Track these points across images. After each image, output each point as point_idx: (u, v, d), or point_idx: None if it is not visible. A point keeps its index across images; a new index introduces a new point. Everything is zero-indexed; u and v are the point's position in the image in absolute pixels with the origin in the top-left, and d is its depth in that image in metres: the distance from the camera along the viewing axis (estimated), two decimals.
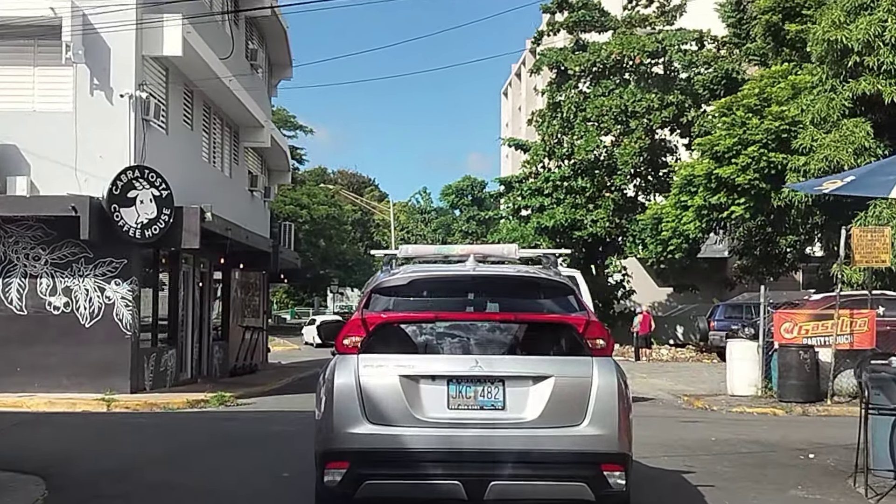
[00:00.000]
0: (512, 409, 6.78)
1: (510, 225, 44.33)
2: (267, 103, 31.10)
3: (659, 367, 30.90)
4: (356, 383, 6.81)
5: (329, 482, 6.80)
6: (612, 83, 41.22)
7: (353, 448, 6.74)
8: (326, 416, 6.92)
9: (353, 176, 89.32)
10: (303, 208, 56.25)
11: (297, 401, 20.00)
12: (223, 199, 24.66)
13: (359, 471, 6.71)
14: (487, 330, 7.05)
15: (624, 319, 43.22)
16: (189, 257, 23.02)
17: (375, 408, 6.76)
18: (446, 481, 6.65)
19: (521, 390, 6.81)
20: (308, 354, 43.16)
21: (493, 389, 6.81)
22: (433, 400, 6.78)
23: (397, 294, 7.38)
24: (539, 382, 6.81)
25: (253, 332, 28.12)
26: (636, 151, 39.48)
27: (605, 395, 6.82)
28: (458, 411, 6.77)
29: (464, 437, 6.71)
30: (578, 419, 6.77)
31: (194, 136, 23.02)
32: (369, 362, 6.87)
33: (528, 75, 56.64)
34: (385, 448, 6.72)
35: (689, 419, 16.61)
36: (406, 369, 6.82)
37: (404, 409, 6.74)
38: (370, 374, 6.83)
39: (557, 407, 6.76)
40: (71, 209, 18.12)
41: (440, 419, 6.75)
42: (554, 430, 6.75)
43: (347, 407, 6.78)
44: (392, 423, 6.74)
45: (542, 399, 6.78)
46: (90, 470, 10.59)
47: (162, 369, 20.81)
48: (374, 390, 6.79)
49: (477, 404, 6.80)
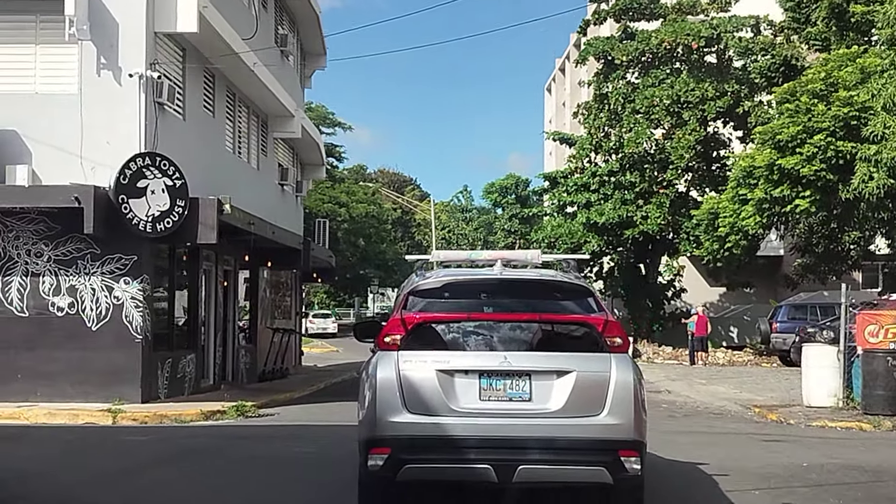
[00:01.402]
0: (537, 401, 7.43)
1: (555, 222, 42.13)
2: (299, 93, 29.20)
3: (717, 372, 28.56)
4: (397, 377, 7.44)
5: (372, 467, 7.40)
6: (662, 73, 38.89)
7: (394, 435, 7.33)
8: (370, 407, 7.51)
9: (394, 175, 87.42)
10: (341, 206, 54.36)
11: (324, 411, 18.05)
12: (250, 193, 22.81)
13: (399, 456, 7.31)
14: (514, 329, 7.69)
15: (675, 320, 40.92)
16: (211, 254, 21.15)
17: (414, 399, 7.39)
18: (478, 465, 7.27)
19: (546, 383, 7.45)
20: (345, 356, 41.26)
21: (520, 383, 7.47)
22: (466, 392, 7.44)
23: (432, 296, 7.97)
24: (562, 377, 7.45)
25: (283, 334, 26.22)
26: (690, 144, 37.12)
27: (622, 389, 7.43)
28: (488, 402, 7.42)
29: (494, 425, 7.36)
30: (598, 410, 7.39)
31: (216, 124, 21.14)
32: (409, 358, 7.50)
33: (573, 68, 54.47)
34: (423, 435, 7.32)
35: (767, 436, 14.37)
36: (442, 364, 7.46)
37: (440, 400, 7.38)
38: (409, 368, 7.45)
39: (579, 399, 7.39)
40: (74, 200, 16.28)
41: (473, 409, 7.40)
42: (575, 420, 7.38)
43: (389, 398, 7.39)
44: (429, 412, 7.37)
45: (564, 391, 7.41)
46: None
47: (179, 376, 18.93)
48: (413, 383, 7.42)
49: (506, 396, 7.45)
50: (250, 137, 23.96)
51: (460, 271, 8.91)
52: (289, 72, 27.34)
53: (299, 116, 25.90)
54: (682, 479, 10.34)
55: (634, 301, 40.72)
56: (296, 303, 30.29)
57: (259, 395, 20.36)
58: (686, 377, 26.67)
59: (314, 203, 50.51)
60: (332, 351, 45.39)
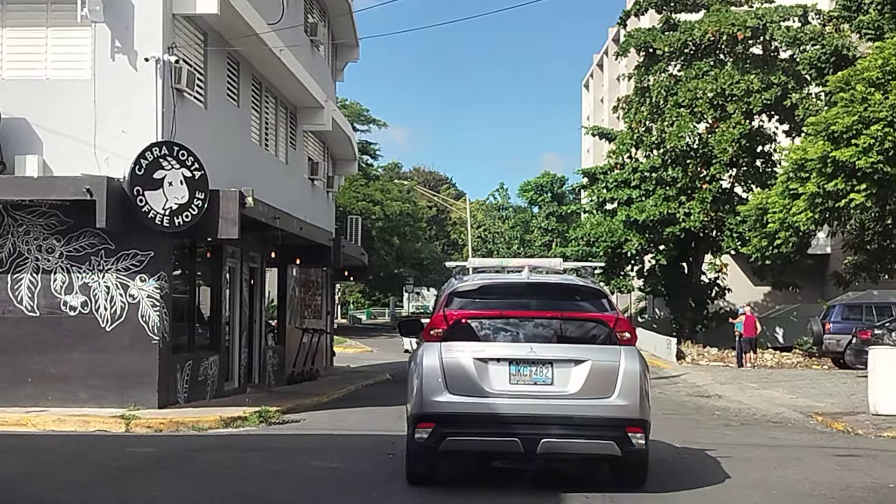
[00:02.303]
0: (558, 384, 8.78)
1: (594, 219, 40.66)
2: (330, 85, 27.95)
3: (767, 375, 26.94)
4: (440, 364, 8.83)
5: (419, 439, 8.81)
6: (705, 65, 37.27)
7: (438, 412, 8.72)
8: (417, 389, 8.88)
9: (429, 173, 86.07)
10: (376, 204, 53.05)
11: (352, 418, 16.75)
12: (278, 187, 21.62)
13: (441, 430, 8.69)
14: (539, 324, 9.02)
15: (719, 320, 39.30)
16: (236, 251, 19.95)
17: (454, 382, 8.77)
18: (508, 439, 8.65)
19: (565, 370, 8.80)
20: (381, 357, 40.00)
21: (543, 369, 8.81)
22: (498, 377, 8.80)
23: (469, 296, 9.37)
24: (579, 364, 8.79)
25: (313, 334, 24.99)
26: (734, 138, 35.46)
27: (630, 376, 8.77)
28: (517, 385, 8.78)
29: (521, 404, 8.70)
30: (609, 393, 8.72)
31: (241, 114, 19.92)
32: (450, 348, 8.89)
33: (611, 63, 52.94)
34: (462, 413, 8.70)
35: (838, 450, 12.85)
36: (478, 353, 8.85)
37: (476, 383, 8.76)
38: (451, 356, 8.84)
39: (593, 383, 8.72)
40: (85, 192, 15.09)
41: (503, 391, 8.75)
42: (590, 401, 8.69)
43: (433, 381, 8.77)
44: (467, 393, 8.74)
45: (581, 377, 8.75)
46: None
47: (200, 379, 17.73)
48: (454, 369, 8.80)
49: (531, 380, 8.80)
50: (278, 129, 22.74)
51: (493, 276, 10.13)
52: (319, 63, 26.10)
53: (329, 108, 24.64)
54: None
55: (676, 300, 39.13)
56: (327, 302, 29.05)
57: (285, 398, 19.13)
58: (735, 380, 25.11)
59: (348, 201, 49.32)
60: (367, 351, 44.14)
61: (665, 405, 19.58)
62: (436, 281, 67.37)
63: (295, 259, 23.49)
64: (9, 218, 15.99)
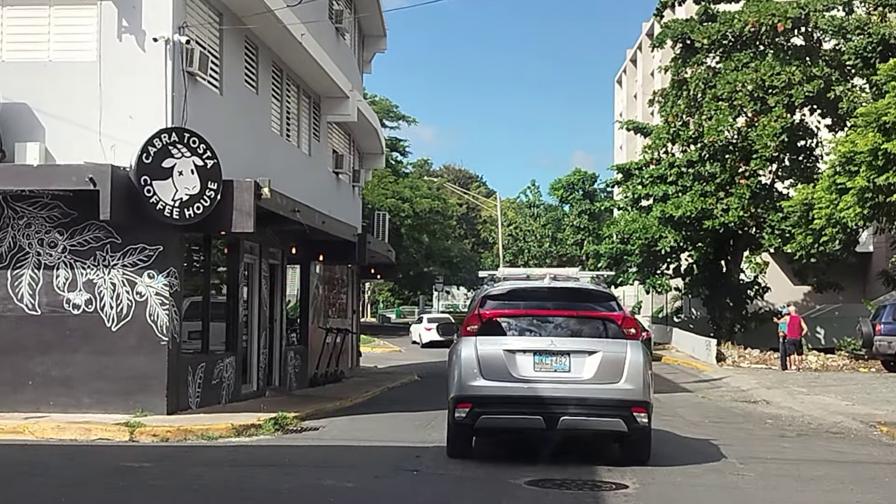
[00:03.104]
0: (574, 372, 10.49)
1: (629, 216, 39.12)
2: (356, 75, 26.66)
3: (814, 379, 25.36)
4: (475, 354, 10.56)
5: (458, 417, 10.56)
6: (745, 56, 35.61)
7: (474, 395, 10.49)
8: (457, 375, 10.63)
9: (459, 171, 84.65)
10: (405, 202, 51.71)
11: (375, 424, 15.43)
12: (299, 179, 20.40)
13: (477, 409, 10.44)
14: (558, 321, 10.80)
15: (758, 321, 37.66)
16: (255, 246, 18.72)
17: (487, 370, 10.50)
18: (533, 416, 10.35)
19: (581, 360, 10.49)
20: (409, 357, 38.76)
21: (562, 359, 10.52)
22: (524, 365, 10.52)
23: (500, 299, 11.14)
24: (592, 355, 10.49)
25: (338, 334, 23.72)
26: (775, 132, 33.78)
27: (635, 364, 10.43)
28: (540, 372, 10.50)
29: (544, 388, 10.40)
30: (617, 379, 10.40)
31: (260, 102, 18.67)
32: (484, 341, 10.63)
33: (647, 54, 51.32)
34: (494, 395, 10.44)
35: None
36: (507, 345, 10.60)
37: (506, 370, 10.48)
38: (484, 348, 10.58)
39: (604, 371, 10.40)
40: (88, 181, 13.88)
41: (529, 377, 10.48)
42: (601, 385, 10.39)
43: (470, 369, 10.52)
44: (498, 379, 10.46)
45: (594, 365, 10.45)
46: None
47: (215, 382, 16.50)
48: (487, 359, 10.52)
49: (552, 368, 10.52)
50: (300, 119, 21.48)
51: (519, 282, 11.78)
52: (344, 51, 24.84)
53: (355, 98, 23.34)
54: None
55: (714, 300, 37.52)
56: (353, 300, 27.76)
57: (306, 403, 17.86)
58: (782, 384, 23.56)
59: (377, 198, 48.08)
60: (395, 351, 42.90)
61: (711, 412, 18.12)
62: (466, 280, 65.99)
63: (318, 255, 22.23)
64: (9, 210, 14.81)
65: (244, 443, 13.13)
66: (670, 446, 12.66)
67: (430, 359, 37.24)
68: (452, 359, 10.90)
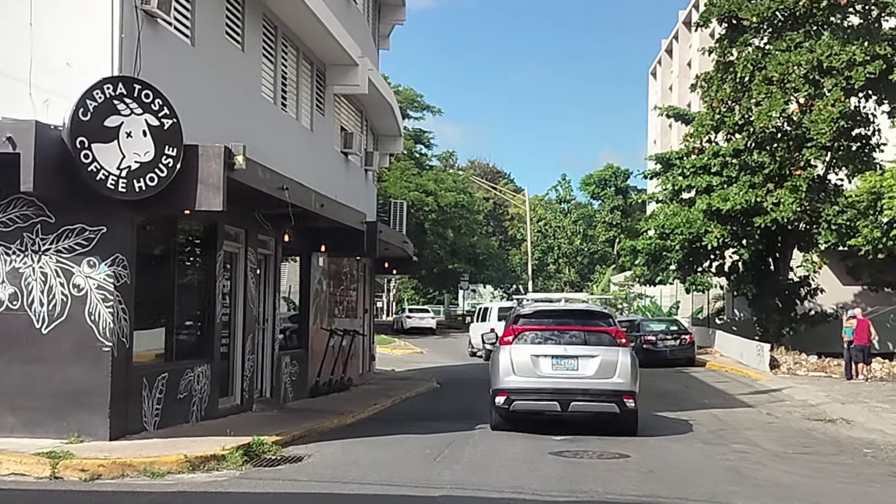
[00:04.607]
0: (582, 370, 14.10)
1: (669, 209, 35.47)
2: (370, 44, 23.32)
3: (891, 391, 21.67)
4: (510, 358, 14.25)
5: (498, 403, 14.13)
6: (798, 35, 31.90)
7: (509, 387, 14.13)
8: (497, 373, 14.30)
9: (486, 167, 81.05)
10: (429, 195, 48.25)
11: (374, 452, 12.06)
12: (298, 156, 17.25)
13: (511, 397, 14.08)
14: (570, 334, 14.51)
15: (808, 323, 33.97)
16: (239, 232, 15.45)
17: (519, 369, 14.15)
18: (551, 402, 14.04)
19: (585, 361, 14.12)
20: (430, 359, 35.37)
21: (572, 361, 14.16)
22: (545, 366, 14.19)
23: (527, 317, 14.95)
24: (594, 358, 14.12)
25: (344, 336, 20.43)
26: (833, 117, 30.03)
27: (624, 365, 14.08)
28: (556, 370, 14.14)
29: (559, 382, 14.06)
30: (612, 375, 14.01)
31: (247, 61, 15.37)
32: (516, 349, 14.36)
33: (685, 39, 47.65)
34: (523, 387, 14.09)
35: None
36: (533, 351, 14.29)
37: (532, 369, 14.14)
38: (516, 354, 14.28)
39: (602, 370, 14.03)
40: (6, 142, 10.64)
41: (548, 374, 14.14)
42: (601, 380, 14.00)
43: (507, 369, 14.21)
44: (526, 375, 14.13)
45: (595, 366, 14.08)
46: None
47: (182, 396, 13.22)
48: (518, 361, 14.20)
49: (566, 368, 14.14)
50: (300, 88, 18.17)
51: (542, 304, 16.34)
52: (355, 15, 21.51)
53: (365, 67, 19.99)
54: None
55: (761, 300, 33.79)
56: (365, 298, 24.40)
57: (297, 420, 14.58)
58: (856, 398, 19.98)
59: (399, 191, 44.72)
60: (416, 353, 39.47)
61: (788, 437, 14.60)
62: (493, 277, 62.51)
63: (320, 246, 18.90)
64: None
65: (196, 483, 9.81)
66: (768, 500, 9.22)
67: (454, 362, 33.84)
68: (494, 361, 14.68)
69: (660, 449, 12.92)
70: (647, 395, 21.42)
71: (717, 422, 16.39)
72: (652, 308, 45.88)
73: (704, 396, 21.28)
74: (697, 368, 30.00)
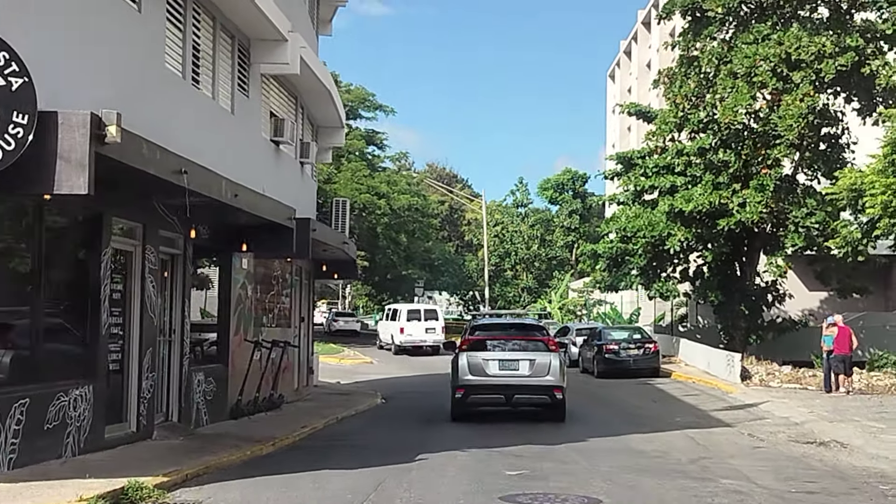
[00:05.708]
0: (521, 370, 17.11)
1: (630, 211, 33.19)
2: (305, 22, 20.72)
3: (878, 406, 19.44)
4: (466, 361, 17.13)
5: (457, 396, 17.19)
6: (766, 27, 29.88)
7: (465, 384, 17.05)
8: (456, 373, 17.26)
9: (443, 171, 78.49)
10: (381, 198, 45.58)
11: (289, 493, 9.50)
12: (214, 141, 14.73)
13: (468, 392, 17.09)
14: (513, 341, 17.76)
15: (776, 331, 31.91)
16: (135, 227, 12.83)
17: (473, 370, 17.02)
18: (497, 395, 17.17)
19: (525, 363, 17.17)
20: (380, 370, 32.76)
21: (514, 363, 17.20)
22: (493, 367, 17.10)
23: (480, 328, 18.53)
24: (531, 361, 17.17)
25: (273, 348, 17.82)
26: (801, 112, 27.97)
27: (555, 366, 17.16)
28: (502, 371, 17.10)
29: (505, 379, 17.04)
30: (545, 374, 17.05)
31: (145, 24, 12.72)
32: (471, 354, 17.27)
33: (644, 40, 45.56)
34: (477, 384, 17.00)
35: None
36: (483, 356, 17.22)
37: (483, 370, 17.02)
38: (470, 358, 17.17)
39: (538, 370, 17.08)
40: None
41: (496, 374, 17.08)
42: (536, 378, 17.06)
43: (464, 370, 17.09)
44: (479, 375, 16.99)
45: (532, 367, 17.12)
46: None
47: (50, 426, 10.56)
48: (472, 363, 17.08)
49: (509, 368, 17.13)
50: (217, 63, 15.54)
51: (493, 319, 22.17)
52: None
53: (297, 44, 17.42)
54: None
55: (727, 306, 31.59)
56: (300, 306, 21.73)
57: (200, 452, 11.97)
58: (843, 415, 17.73)
59: (349, 193, 42.04)
60: (366, 362, 36.80)
61: (783, 467, 12.22)
62: (448, 284, 60.05)
63: (241, 245, 16.27)
64: None
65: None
66: None
67: (405, 373, 31.29)
68: (454, 364, 17.51)
69: (635, 489, 10.43)
70: (612, 412, 19.12)
71: (695, 447, 14.01)
72: (612, 315, 43.61)
73: (675, 413, 18.94)
74: (663, 379, 27.68)
